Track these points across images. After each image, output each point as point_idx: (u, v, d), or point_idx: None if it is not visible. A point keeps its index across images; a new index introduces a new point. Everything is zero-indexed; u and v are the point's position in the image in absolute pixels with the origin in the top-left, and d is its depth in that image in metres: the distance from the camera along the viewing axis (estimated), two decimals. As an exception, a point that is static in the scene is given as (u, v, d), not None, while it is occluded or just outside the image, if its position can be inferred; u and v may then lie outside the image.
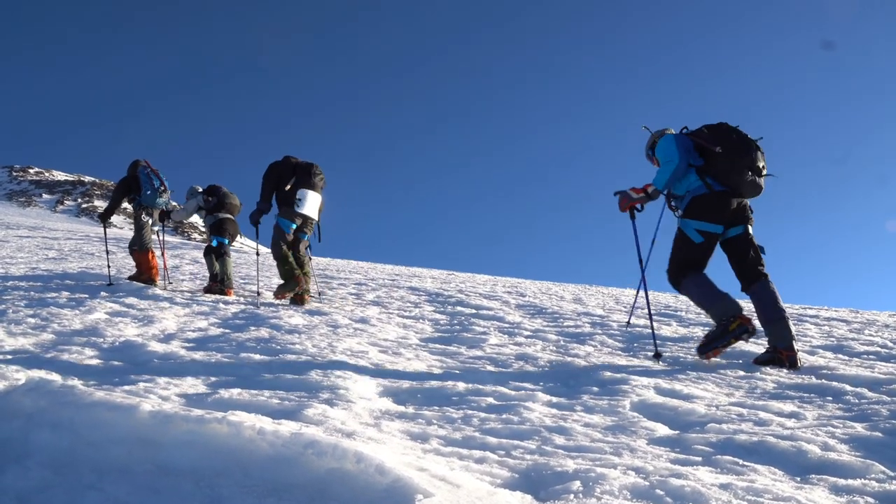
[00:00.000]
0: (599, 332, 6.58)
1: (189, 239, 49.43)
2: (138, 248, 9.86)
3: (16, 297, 7.75)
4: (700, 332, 6.50)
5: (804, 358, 5.17)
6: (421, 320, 7.16)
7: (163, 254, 10.80)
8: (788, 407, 3.72)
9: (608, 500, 2.32)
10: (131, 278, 9.76)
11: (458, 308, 8.19)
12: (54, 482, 2.49)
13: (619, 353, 5.50)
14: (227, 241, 9.83)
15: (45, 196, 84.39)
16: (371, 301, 8.80)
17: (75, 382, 3.78)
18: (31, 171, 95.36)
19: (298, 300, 8.20)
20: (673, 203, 5.44)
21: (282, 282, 8.31)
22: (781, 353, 4.89)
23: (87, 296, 7.96)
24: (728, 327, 4.91)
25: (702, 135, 5.23)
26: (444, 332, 6.41)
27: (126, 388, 3.79)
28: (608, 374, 4.53)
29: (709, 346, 5.02)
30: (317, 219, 8.52)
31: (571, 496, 2.35)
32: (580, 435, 3.21)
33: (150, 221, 9.99)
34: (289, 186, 8.24)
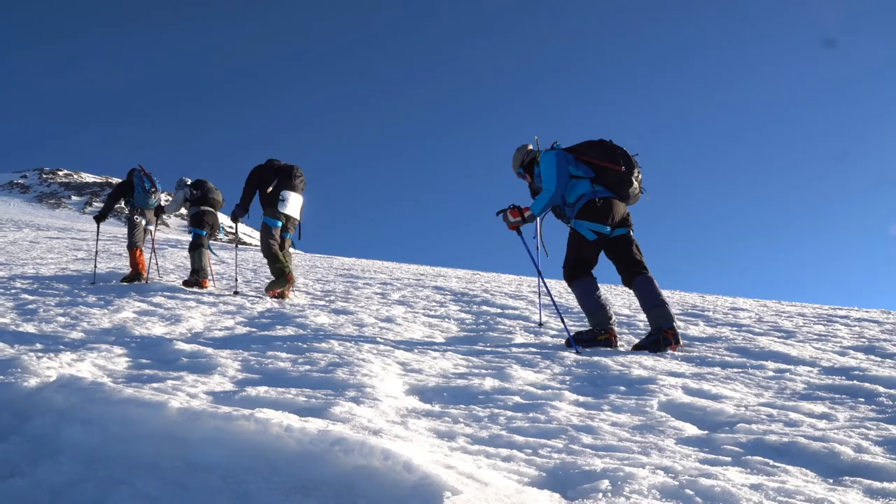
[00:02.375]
0: (626, 331, 6.54)
1: (214, 240, 49.79)
2: (128, 245, 10.50)
3: (47, 297, 7.86)
4: (728, 332, 6.44)
5: (835, 359, 5.11)
6: (446, 319, 7.15)
7: (153, 250, 11.15)
8: (819, 408, 3.67)
9: (637, 499, 2.29)
10: (124, 279, 10.16)
11: (484, 307, 8.18)
12: (85, 477, 2.52)
13: (646, 352, 5.45)
14: (204, 233, 10.30)
15: (74, 198, 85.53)
16: (396, 300, 8.81)
17: (105, 380, 3.82)
18: (61, 173, 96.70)
19: (280, 294, 8.57)
20: (565, 211, 6.03)
21: (273, 279, 8.78)
22: (667, 333, 5.47)
23: (115, 295, 8.05)
24: (597, 337, 5.61)
25: (589, 152, 5.91)
26: (469, 332, 6.41)
27: (154, 385, 3.82)
28: (635, 373, 4.49)
29: (577, 343, 5.53)
30: (298, 218, 8.96)
31: (600, 495, 2.34)
32: (608, 434, 3.18)
33: (144, 222, 10.67)
34: (270, 188, 8.70)
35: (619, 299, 10.09)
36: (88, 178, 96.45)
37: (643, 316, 7.68)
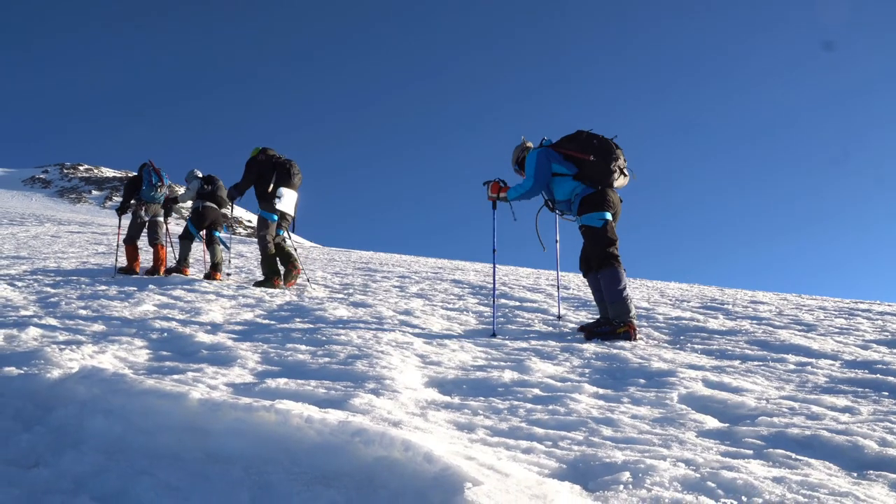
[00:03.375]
0: (645, 324, 6.51)
1: (234, 234, 50.05)
2: (126, 239, 10.76)
3: (68, 290, 7.93)
4: (748, 325, 6.39)
5: (857, 353, 5.06)
6: (465, 312, 7.15)
7: (171, 244, 11.37)
8: (842, 401, 3.64)
9: (659, 491, 2.28)
10: (120, 270, 10.52)
11: (502, 300, 8.17)
12: (108, 467, 2.54)
13: (666, 345, 5.43)
14: (194, 231, 10.63)
15: (95, 192, 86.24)
16: (415, 293, 8.81)
17: (126, 371, 3.85)
18: (81, 168, 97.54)
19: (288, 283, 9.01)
20: (557, 208, 6.30)
21: (263, 274, 9.18)
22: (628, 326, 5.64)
23: (135, 288, 8.11)
24: (616, 330, 5.61)
25: (567, 146, 6.04)
26: (488, 325, 6.40)
27: (175, 377, 3.84)
28: (655, 366, 4.47)
29: (592, 335, 5.64)
30: (293, 214, 9.28)
31: (621, 487, 2.33)
32: (628, 426, 3.17)
33: (147, 218, 10.90)
34: (271, 187, 9.01)
35: (638, 293, 10.06)
36: (108, 172, 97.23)
37: (662, 309, 7.65)
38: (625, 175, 6.09)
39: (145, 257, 11.37)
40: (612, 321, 5.66)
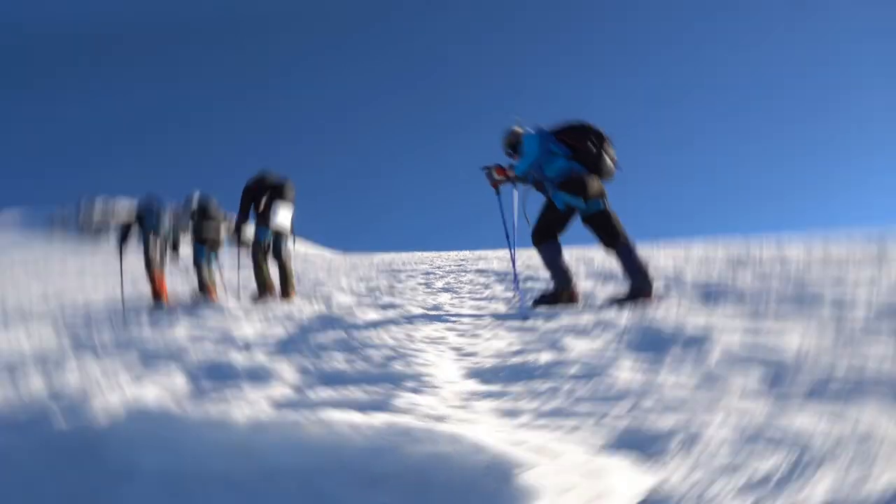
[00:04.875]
0: (674, 290, 6.49)
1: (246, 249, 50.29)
2: (146, 265, 10.91)
3: (100, 321, 8.02)
4: (777, 282, 6.35)
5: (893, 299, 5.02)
6: (493, 300, 7.17)
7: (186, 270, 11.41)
8: (888, 349, 3.61)
9: (707, 456, 2.28)
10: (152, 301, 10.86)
11: (529, 284, 8.17)
12: (162, 498, 2.56)
13: (697, 308, 5.40)
14: (202, 250, 11.02)
15: (114, 225, 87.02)
16: (441, 288, 8.84)
17: (168, 400, 3.88)
18: (98, 201, 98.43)
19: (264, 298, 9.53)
20: (546, 186, 6.66)
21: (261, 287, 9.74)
22: (645, 293, 6.16)
23: (166, 317, 8.19)
24: (559, 295, 6.34)
25: (566, 133, 6.57)
26: (517, 310, 6.40)
27: (217, 400, 3.87)
28: (690, 331, 4.46)
29: (541, 302, 6.38)
30: (289, 227, 9.85)
31: (671, 455, 2.32)
32: (669, 394, 3.16)
33: (159, 241, 11.08)
34: (262, 207, 9.63)
35: (663, 259, 10.01)
36: (126, 203, 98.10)
37: (689, 273, 7.62)
38: (613, 167, 6.58)
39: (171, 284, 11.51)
40: (557, 288, 6.33)
